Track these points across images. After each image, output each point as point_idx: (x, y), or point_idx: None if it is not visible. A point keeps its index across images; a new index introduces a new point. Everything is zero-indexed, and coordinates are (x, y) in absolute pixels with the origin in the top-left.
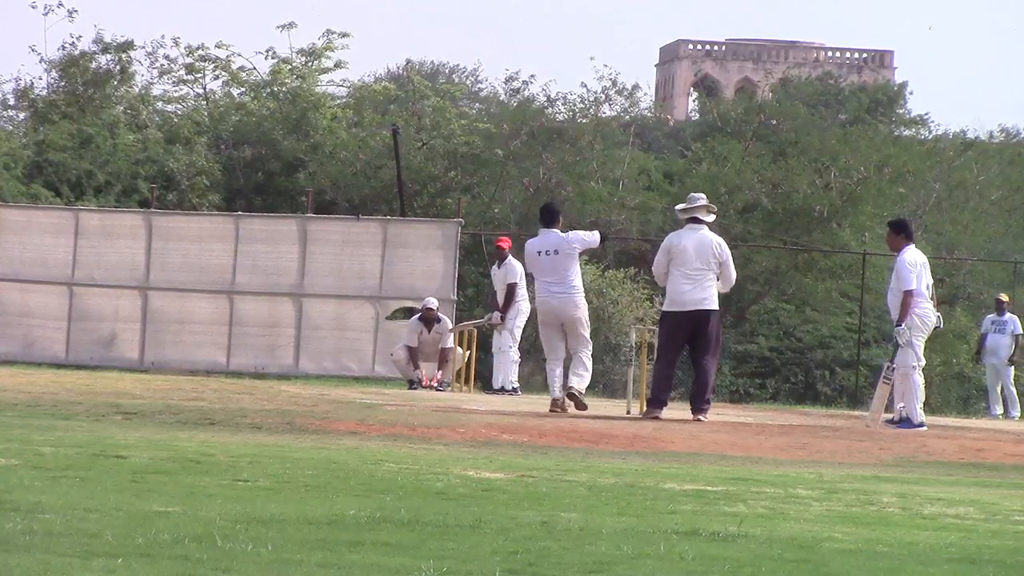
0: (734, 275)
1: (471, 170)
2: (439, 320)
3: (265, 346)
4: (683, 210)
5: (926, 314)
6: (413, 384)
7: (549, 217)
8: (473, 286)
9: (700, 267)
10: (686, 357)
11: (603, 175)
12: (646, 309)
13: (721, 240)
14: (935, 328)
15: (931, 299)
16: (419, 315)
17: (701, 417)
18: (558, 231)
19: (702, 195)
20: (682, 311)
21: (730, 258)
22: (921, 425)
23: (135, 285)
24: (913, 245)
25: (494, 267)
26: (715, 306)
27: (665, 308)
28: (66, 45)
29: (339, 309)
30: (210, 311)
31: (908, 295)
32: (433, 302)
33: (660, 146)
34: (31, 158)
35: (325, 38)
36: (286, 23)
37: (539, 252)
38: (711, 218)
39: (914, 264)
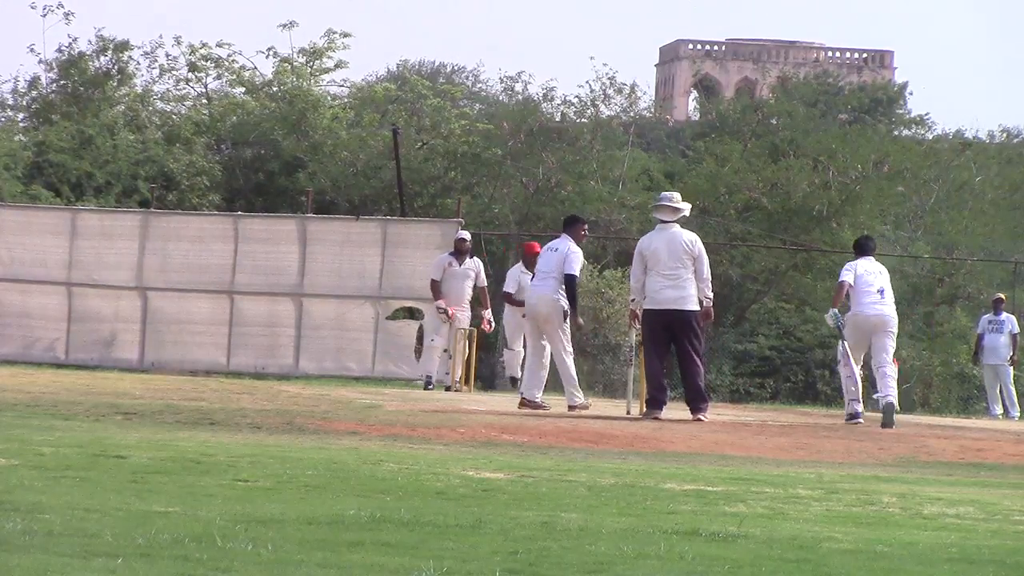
0: (708, 271)
1: (471, 170)
2: (471, 256)
3: (265, 346)
4: (654, 209)
5: (861, 311)
6: (429, 384)
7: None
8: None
9: (674, 266)
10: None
11: (603, 175)
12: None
13: (695, 237)
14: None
15: (875, 300)
16: (450, 251)
17: (701, 417)
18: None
19: (670, 194)
20: (659, 309)
21: (704, 254)
22: (852, 417)
23: (135, 285)
24: (869, 258)
25: (529, 274)
26: (693, 306)
27: (645, 306)
28: (63, 48)
29: (339, 309)
30: (210, 311)
31: (839, 286)
32: (466, 235)
33: (661, 146)
34: (31, 158)
35: (326, 38)
36: (287, 22)
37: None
38: (676, 216)
39: (851, 267)
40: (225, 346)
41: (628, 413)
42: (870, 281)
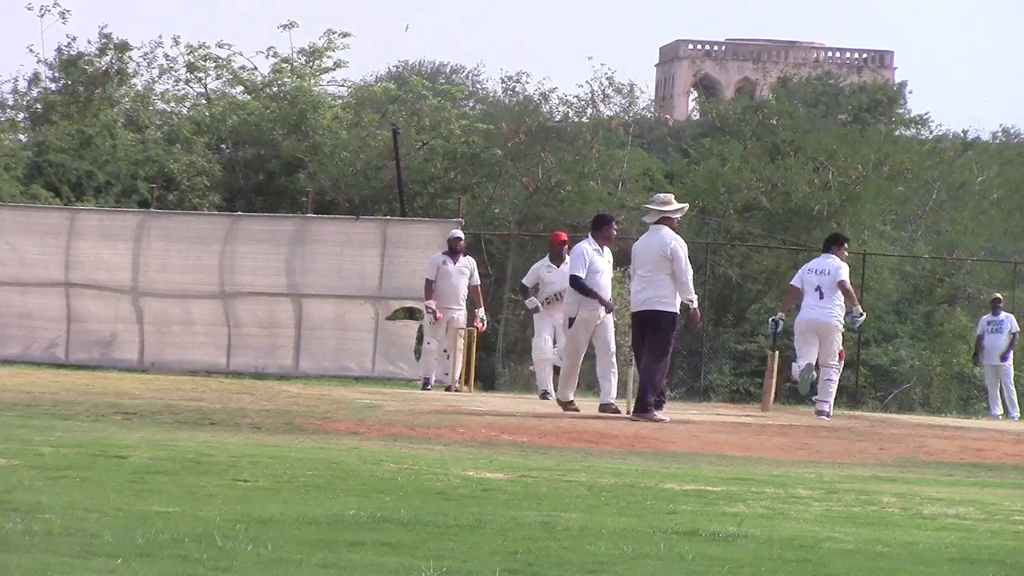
0: (684, 274)
1: (471, 170)
2: (465, 254)
3: (265, 346)
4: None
5: (800, 315)
6: (427, 385)
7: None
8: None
9: (650, 267)
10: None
11: (603, 175)
12: None
13: (672, 239)
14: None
15: (812, 302)
16: (444, 251)
17: (636, 418)
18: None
19: (657, 195)
20: (636, 311)
21: (680, 256)
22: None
23: (134, 286)
24: (826, 254)
25: (554, 267)
26: (663, 307)
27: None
28: (62, 48)
29: (339, 309)
30: (209, 312)
31: (787, 290)
32: (459, 233)
33: (663, 145)
34: (31, 158)
35: (326, 38)
36: (287, 23)
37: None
38: (656, 217)
39: (802, 269)
40: (225, 346)
41: (628, 413)
42: (811, 282)
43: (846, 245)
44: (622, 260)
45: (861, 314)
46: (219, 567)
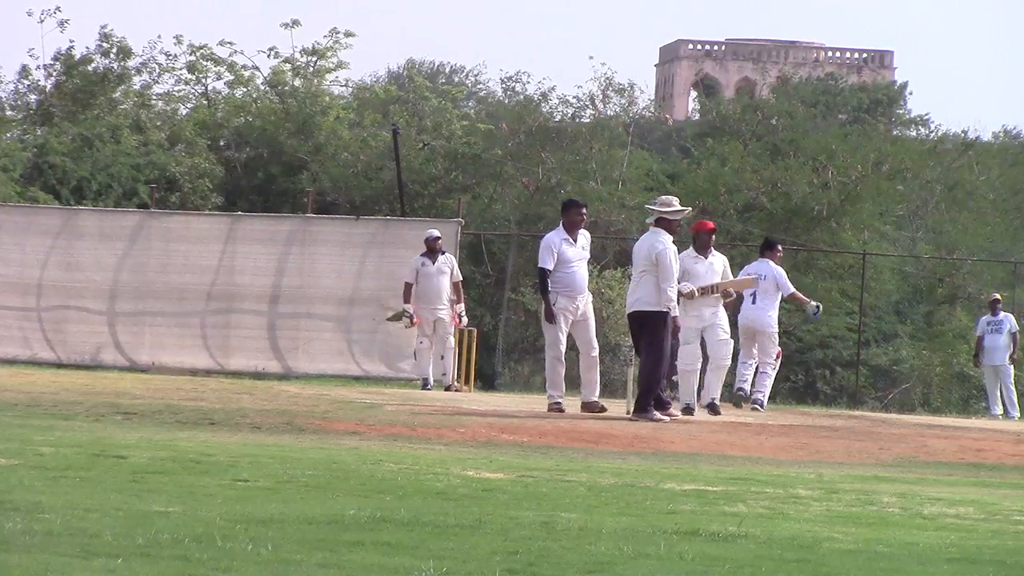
0: (665, 280)
1: (471, 170)
2: (443, 252)
3: (265, 346)
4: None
5: (739, 318)
6: (427, 386)
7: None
8: (476, 287)
9: (640, 269)
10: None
11: (603, 175)
12: None
13: (661, 243)
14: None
15: (747, 305)
16: (422, 252)
17: (636, 418)
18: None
19: (659, 197)
20: (628, 312)
21: (664, 258)
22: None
23: (135, 285)
24: (762, 259)
25: (701, 258)
26: (648, 307)
27: None
28: (60, 55)
29: (339, 309)
30: (210, 312)
31: None
32: (436, 232)
33: (665, 144)
34: (31, 160)
35: (330, 38)
36: (290, 21)
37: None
38: (651, 219)
39: (742, 272)
40: (225, 346)
41: (628, 413)
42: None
43: (779, 248)
44: (623, 260)
45: (817, 306)
46: (219, 567)
